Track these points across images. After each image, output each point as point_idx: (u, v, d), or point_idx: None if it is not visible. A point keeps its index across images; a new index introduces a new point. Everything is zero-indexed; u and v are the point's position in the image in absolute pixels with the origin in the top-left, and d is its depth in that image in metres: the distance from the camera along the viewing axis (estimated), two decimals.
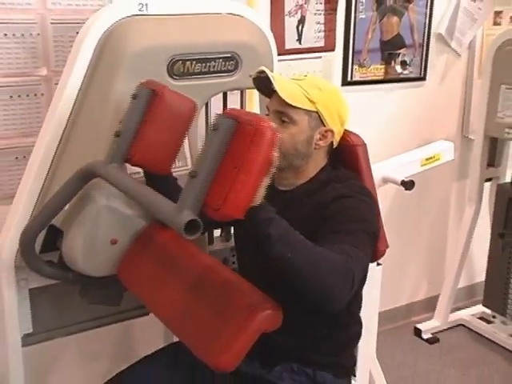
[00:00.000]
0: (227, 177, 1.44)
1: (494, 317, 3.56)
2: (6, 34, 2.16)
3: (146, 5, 1.99)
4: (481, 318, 3.62)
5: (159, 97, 1.76)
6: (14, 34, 2.18)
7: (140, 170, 1.98)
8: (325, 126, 1.80)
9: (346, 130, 1.89)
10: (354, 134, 1.92)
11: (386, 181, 2.35)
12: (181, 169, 2.18)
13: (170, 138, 1.82)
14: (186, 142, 2.08)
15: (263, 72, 1.78)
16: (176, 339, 1.97)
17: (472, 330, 3.57)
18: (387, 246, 1.96)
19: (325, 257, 1.53)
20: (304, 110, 1.76)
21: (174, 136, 1.83)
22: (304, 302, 1.60)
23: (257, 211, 1.48)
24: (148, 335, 2.48)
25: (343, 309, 1.85)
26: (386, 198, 3.01)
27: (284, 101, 1.74)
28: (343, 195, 1.74)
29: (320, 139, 1.80)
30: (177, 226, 1.43)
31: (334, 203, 1.72)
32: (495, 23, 3.35)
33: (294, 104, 1.75)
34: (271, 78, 1.75)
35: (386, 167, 2.37)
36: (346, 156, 1.90)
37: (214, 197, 1.45)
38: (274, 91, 1.75)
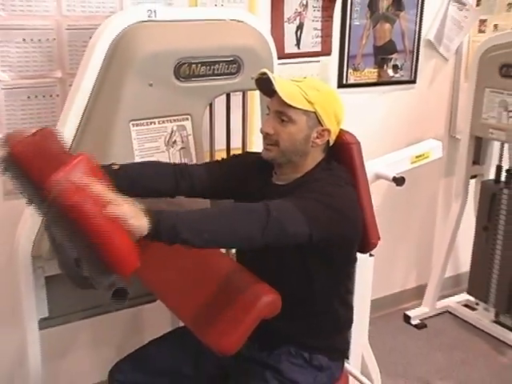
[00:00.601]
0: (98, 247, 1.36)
1: (477, 304, 3.56)
2: (24, 39, 2.16)
3: (155, 11, 1.99)
4: (465, 305, 3.62)
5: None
6: (31, 39, 2.17)
7: None
8: (322, 125, 1.78)
9: (341, 129, 1.88)
10: (349, 132, 1.91)
11: (378, 177, 2.34)
12: None
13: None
14: (191, 139, 2.08)
15: (265, 74, 1.77)
16: (181, 324, 1.96)
17: (457, 316, 3.57)
18: (379, 239, 1.95)
19: (238, 211, 1.59)
20: (302, 110, 1.75)
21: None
22: (297, 288, 1.60)
23: (156, 232, 1.44)
24: (155, 320, 2.48)
25: (332, 293, 1.87)
26: (378, 194, 3.00)
27: (284, 101, 1.73)
28: (322, 179, 1.76)
29: (317, 137, 1.79)
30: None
31: (313, 184, 1.74)
32: (480, 31, 3.34)
33: (293, 104, 1.74)
34: (272, 80, 1.74)
35: (378, 164, 2.36)
36: (341, 153, 1.89)
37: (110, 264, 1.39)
38: (275, 92, 1.74)
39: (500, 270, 3.27)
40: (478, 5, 3.27)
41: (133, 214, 1.39)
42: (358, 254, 1.95)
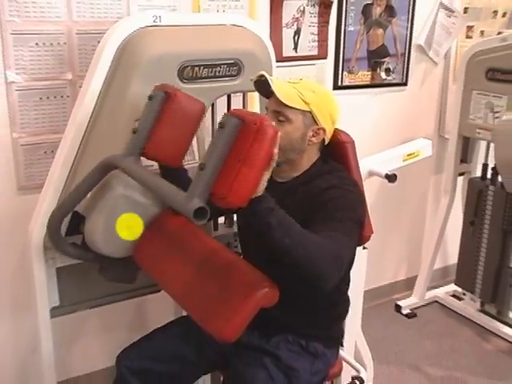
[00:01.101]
0: (232, 169, 1.43)
1: (464, 294, 3.56)
2: (37, 43, 2.16)
3: (160, 17, 1.98)
4: (453, 296, 3.62)
5: (172, 98, 1.75)
6: (44, 43, 2.17)
7: (154, 162, 1.96)
8: (317, 124, 1.78)
9: (336, 128, 1.88)
10: (344, 132, 1.91)
11: (371, 174, 2.34)
12: (189, 162, 2.17)
13: (181, 135, 1.80)
14: (194, 140, 2.07)
15: (263, 76, 1.77)
16: (185, 313, 1.95)
17: (445, 306, 3.56)
18: (372, 232, 1.94)
19: (317, 242, 1.53)
20: (299, 110, 1.75)
21: (184, 133, 1.81)
22: (299, 282, 1.60)
23: (259, 201, 1.47)
24: (159, 310, 2.48)
25: (334, 289, 1.86)
26: (372, 190, 3.00)
27: (281, 101, 1.73)
28: (333, 186, 1.73)
29: (313, 136, 1.79)
30: (187, 213, 1.43)
31: (326, 193, 1.71)
32: (467, 36, 3.34)
33: (289, 104, 1.74)
34: (270, 81, 1.74)
35: (371, 162, 2.36)
36: (337, 151, 1.88)
37: (220, 187, 1.44)
38: (272, 93, 1.73)
39: (485, 263, 3.28)
40: (465, 12, 3.27)
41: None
42: None
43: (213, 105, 2.18)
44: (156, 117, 1.75)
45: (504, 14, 3.41)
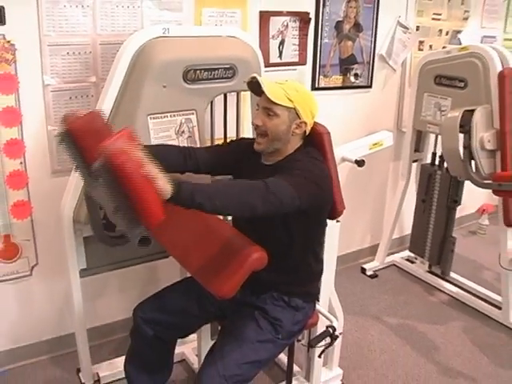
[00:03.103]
0: (134, 203, 1.32)
1: (416, 258, 3.54)
2: (68, 53, 2.13)
3: (168, 29, 1.95)
4: (407, 260, 3.60)
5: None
6: (73, 53, 2.14)
7: None
8: (300, 118, 1.74)
9: (315, 121, 1.83)
10: (321, 124, 1.87)
11: (343, 160, 2.30)
12: None
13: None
14: (196, 130, 2.05)
15: (255, 78, 1.73)
16: (189, 275, 1.93)
17: (401, 268, 3.55)
18: (344, 208, 1.91)
19: (240, 185, 1.55)
20: (284, 106, 1.71)
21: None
22: (281, 247, 1.58)
23: (177, 196, 1.39)
24: (168, 272, 2.45)
25: (310, 253, 1.84)
26: (343, 173, 2.94)
27: (270, 99, 1.69)
28: (301, 160, 1.72)
29: (296, 128, 1.75)
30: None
31: (293, 164, 1.69)
32: (419, 49, 3.32)
33: (277, 102, 1.69)
34: (261, 82, 1.70)
35: (343, 150, 2.31)
36: (315, 141, 1.84)
37: (141, 217, 1.35)
38: (263, 92, 1.69)
39: (433, 233, 3.27)
40: (417, 29, 3.25)
41: (161, 178, 1.35)
42: (328, 221, 1.92)
43: (212, 102, 2.13)
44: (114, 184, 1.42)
45: (447, 33, 3.42)
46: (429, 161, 3.26)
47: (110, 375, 2.35)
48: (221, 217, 1.89)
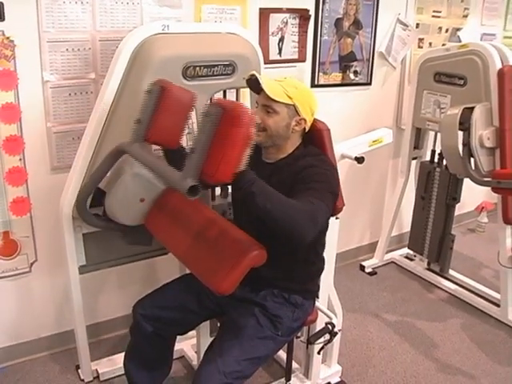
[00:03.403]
0: (218, 151, 1.41)
1: (415, 256, 3.54)
2: (67, 49, 2.13)
3: (168, 26, 1.94)
4: (406, 257, 3.60)
5: (166, 91, 1.70)
6: (73, 49, 2.14)
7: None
8: (299, 115, 1.74)
9: (315, 118, 1.83)
10: (321, 121, 1.87)
11: (343, 157, 2.30)
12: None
13: (176, 121, 1.74)
14: (195, 126, 2.04)
15: (254, 75, 1.72)
16: (188, 271, 1.93)
17: (400, 265, 3.55)
18: (344, 205, 1.91)
19: (294, 205, 1.51)
20: (284, 103, 1.70)
21: (178, 120, 1.74)
22: (282, 245, 1.57)
23: (242, 175, 1.45)
24: (167, 269, 2.44)
25: (311, 250, 1.83)
26: (343, 170, 2.95)
27: (269, 97, 1.69)
28: (313, 165, 1.69)
29: (296, 125, 1.75)
30: (182, 190, 1.41)
31: (306, 170, 1.68)
32: (419, 46, 3.31)
33: (276, 99, 1.69)
34: (260, 80, 1.69)
35: (343, 146, 2.32)
36: (315, 138, 1.84)
37: (209, 167, 1.42)
38: (262, 89, 1.69)
39: (432, 230, 3.27)
40: (417, 27, 3.25)
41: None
42: None
43: (211, 99, 2.11)
44: (154, 108, 1.70)
45: (446, 30, 3.42)
46: (428, 158, 3.26)
47: (109, 372, 2.35)
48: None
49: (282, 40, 2.69)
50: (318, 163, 1.71)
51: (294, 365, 2.32)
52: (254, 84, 1.74)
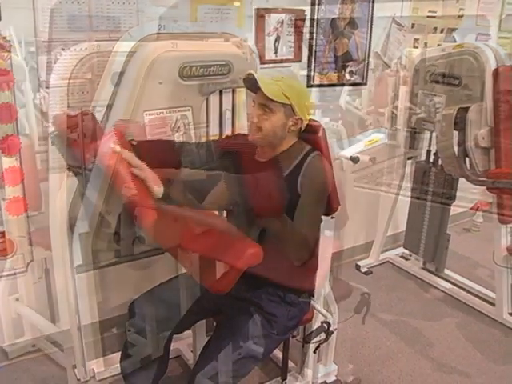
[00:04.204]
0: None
1: (410, 255, 3.55)
2: (63, 49, 2.13)
3: (164, 26, 1.97)
4: (401, 257, 3.61)
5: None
6: (69, 49, 2.12)
7: None
8: (296, 115, 1.75)
9: (310, 118, 1.84)
10: (317, 121, 1.88)
11: (339, 156, 2.31)
12: None
13: None
14: (191, 126, 2.06)
15: (251, 74, 1.73)
16: (184, 271, 1.93)
17: (395, 265, 3.56)
18: (339, 204, 1.92)
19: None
20: (281, 103, 1.71)
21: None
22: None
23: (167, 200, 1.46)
24: (163, 268, 2.43)
25: None
26: (338, 170, 2.97)
27: (266, 96, 1.69)
28: (314, 167, 1.75)
29: (292, 125, 1.76)
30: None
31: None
32: (414, 46, 3.33)
33: (273, 98, 1.70)
34: (257, 79, 1.70)
35: (339, 146, 2.33)
36: (311, 137, 1.85)
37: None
38: (259, 88, 1.69)
39: (427, 230, 3.27)
40: (412, 27, 3.27)
41: (152, 179, 1.39)
42: (323, 217, 1.92)
43: (207, 99, 2.13)
44: None
45: (442, 30, 3.44)
46: (423, 158, 3.26)
47: (105, 371, 2.35)
48: (216, 212, 1.89)
49: (277, 40, 2.70)
50: (311, 171, 1.75)
51: (290, 364, 2.32)
52: (251, 83, 1.74)
